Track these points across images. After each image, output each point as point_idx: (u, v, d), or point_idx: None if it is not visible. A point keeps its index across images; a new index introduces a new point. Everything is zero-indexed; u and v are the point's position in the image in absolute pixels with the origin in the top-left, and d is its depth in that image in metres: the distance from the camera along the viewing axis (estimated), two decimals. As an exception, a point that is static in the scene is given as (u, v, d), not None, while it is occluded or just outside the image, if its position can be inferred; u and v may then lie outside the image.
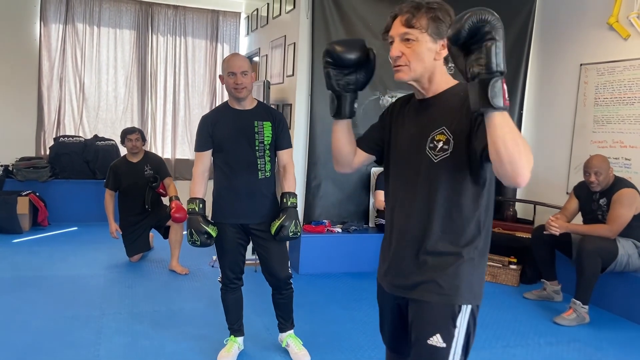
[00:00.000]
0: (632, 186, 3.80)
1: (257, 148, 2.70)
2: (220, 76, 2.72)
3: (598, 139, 4.56)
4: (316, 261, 4.55)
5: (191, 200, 2.67)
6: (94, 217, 6.05)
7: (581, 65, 4.71)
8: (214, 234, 2.67)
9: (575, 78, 4.78)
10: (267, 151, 2.74)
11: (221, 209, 2.75)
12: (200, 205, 2.66)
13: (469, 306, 1.50)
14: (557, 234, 3.86)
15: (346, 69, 1.54)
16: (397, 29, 1.47)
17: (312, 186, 4.73)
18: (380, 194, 4.65)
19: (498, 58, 1.18)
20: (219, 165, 2.74)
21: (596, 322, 3.75)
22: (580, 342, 3.43)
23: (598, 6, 4.54)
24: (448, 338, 1.47)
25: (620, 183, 3.82)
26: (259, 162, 2.71)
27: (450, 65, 1.45)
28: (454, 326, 1.48)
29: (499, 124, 1.21)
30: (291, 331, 3.05)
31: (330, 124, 5.42)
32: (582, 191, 3.97)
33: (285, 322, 3.03)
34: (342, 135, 1.66)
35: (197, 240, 2.61)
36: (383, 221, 4.63)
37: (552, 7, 5.07)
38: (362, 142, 1.73)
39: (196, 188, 2.70)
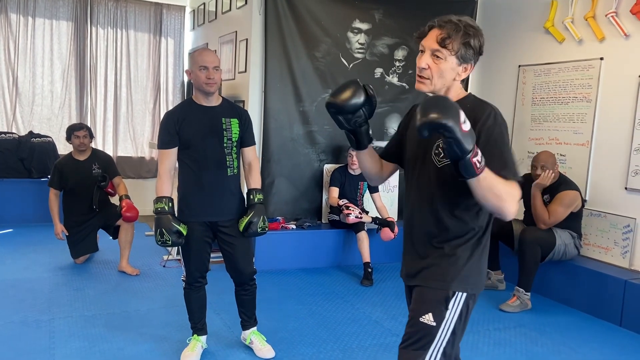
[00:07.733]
0: (576, 189, 4.02)
1: (225, 145, 2.68)
2: (187, 70, 2.67)
3: (535, 136, 4.85)
4: (271, 258, 4.55)
5: (159, 199, 2.60)
6: (30, 218, 5.75)
7: (519, 66, 4.99)
8: (184, 232, 2.63)
9: (514, 78, 5.06)
10: (235, 148, 2.73)
11: (189, 207, 2.71)
12: (170, 203, 2.60)
13: (464, 294, 1.65)
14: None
15: (351, 113, 1.61)
16: (431, 43, 1.56)
17: (266, 183, 4.73)
18: (334, 191, 4.71)
19: (459, 147, 1.33)
20: (186, 163, 2.69)
21: (538, 308, 4.00)
22: (525, 327, 3.66)
23: (535, 11, 4.82)
24: (439, 318, 1.63)
25: (565, 184, 4.03)
26: (227, 159, 2.70)
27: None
28: (446, 308, 1.63)
29: (476, 187, 1.44)
30: (254, 328, 3.06)
31: (284, 119, 5.42)
32: (527, 185, 4.19)
33: (248, 319, 3.03)
34: (368, 160, 1.81)
35: (168, 240, 2.54)
36: (336, 217, 4.73)
37: (492, 11, 5.33)
38: (385, 155, 1.90)
39: (163, 186, 2.63)
